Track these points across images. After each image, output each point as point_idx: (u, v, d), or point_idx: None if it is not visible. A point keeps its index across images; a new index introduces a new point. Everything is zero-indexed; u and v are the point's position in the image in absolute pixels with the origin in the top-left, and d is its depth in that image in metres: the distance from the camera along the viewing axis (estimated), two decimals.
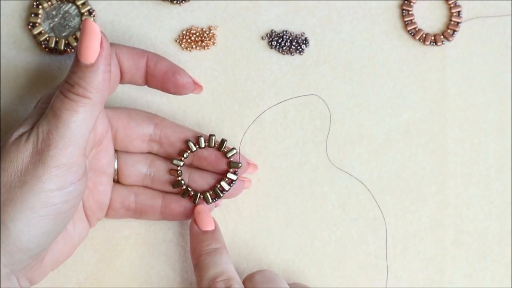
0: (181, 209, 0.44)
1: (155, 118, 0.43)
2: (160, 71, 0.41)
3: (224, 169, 0.44)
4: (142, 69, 0.41)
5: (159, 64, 0.42)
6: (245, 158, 0.45)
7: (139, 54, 0.41)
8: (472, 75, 0.48)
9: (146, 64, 0.41)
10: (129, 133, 0.43)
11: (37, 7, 0.46)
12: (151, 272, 0.46)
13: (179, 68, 0.42)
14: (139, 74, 0.42)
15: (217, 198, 0.44)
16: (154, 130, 0.43)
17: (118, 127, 0.43)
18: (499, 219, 0.47)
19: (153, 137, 0.43)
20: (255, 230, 0.47)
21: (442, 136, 0.48)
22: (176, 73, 0.42)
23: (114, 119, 0.42)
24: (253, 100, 0.47)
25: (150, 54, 0.42)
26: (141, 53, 0.41)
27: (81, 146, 0.38)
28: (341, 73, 0.47)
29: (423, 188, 0.47)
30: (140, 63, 0.41)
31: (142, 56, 0.41)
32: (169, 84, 0.42)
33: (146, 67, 0.41)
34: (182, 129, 0.44)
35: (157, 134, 0.43)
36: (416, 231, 0.47)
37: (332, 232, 0.47)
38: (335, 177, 0.47)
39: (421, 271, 0.47)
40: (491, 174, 0.47)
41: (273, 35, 0.47)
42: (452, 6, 0.48)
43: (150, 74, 0.42)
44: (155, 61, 0.42)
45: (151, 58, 0.42)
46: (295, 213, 0.47)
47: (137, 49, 0.42)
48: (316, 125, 0.47)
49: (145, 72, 0.42)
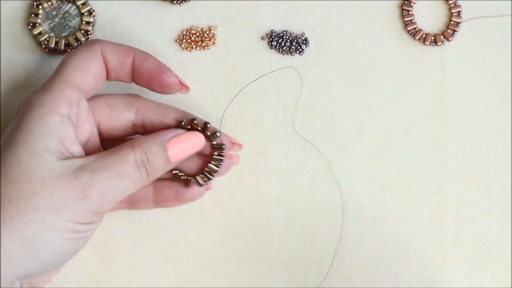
0: (173, 194, 0.43)
1: (135, 102, 0.42)
2: (146, 70, 0.41)
3: (209, 151, 0.43)
4: (128, 67, 0.41)
5: (146, 62, 0.41)
6: (228, 138, 0.44)
7: (126, 52, 0.41)
8: (472, 75, 0.48)
9: (132, 62, 0.41)
10: (112, 123, 0.42)
11: (37, 7, 0.46)
12: (151, 272, 0.46)
13: (165, 67, 0.42)
14: (125, 72, 0.41)
15: (208, 180, 0.43)
16: (136, 115, 0.42)
17: (100, 118, 0.42)
18: (499, 219, 0.47)
19: (136, 122, 0.42)
20: (255, 230, 0.47)
21: (442, 136, 0.48)
22: (162, 73, 0.41)
23: (95, 112, 0.41)
24: (253, 100, 0.47)
25: (137, 52, 0.41)
26: (127, 51, 0.41)
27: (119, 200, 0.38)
28: (341, 73, 0.47)
29: (423, 188, 0.47)
30: (126, 61, 0.41)
31: (128, 54, 0.41)
32: (155, 83, 0.42)
33: (132, 65, 0.41)
34: (164, 110, 0.42)
35: (139, 120, 0.42)
36: (416, 231, 0.47)
37: (332, 232, 0.47)
38: (335, 177, 0.47)
39: (421, 271, 0.47)
40: (491, 174, 0.47)
41: (273, 35, 0.47)
42: (452, 6, 0.48)
43: (136, 72, 0.41)
44: (141, 59, 0.41)
45: (138, 56, 0.41)
46: (295, 213, 0.47)
47: (124, 47, 0.41)
48: (316, 126, 0.47)
49: (132, 70, 0.41)
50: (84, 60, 0.40)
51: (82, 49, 0.40)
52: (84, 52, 0.40)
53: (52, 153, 0.36)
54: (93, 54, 0.40)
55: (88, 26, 0.46)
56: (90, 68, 0.40)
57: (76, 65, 0.39)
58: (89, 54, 0.40)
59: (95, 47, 0.40)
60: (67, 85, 0.38)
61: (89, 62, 0.40)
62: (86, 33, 0.46)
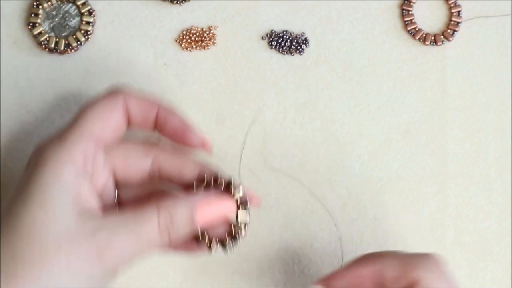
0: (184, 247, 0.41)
1: (152, 151, 0.40)
2: (170, 128, 0.40)
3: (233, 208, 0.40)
4: (151, 121, 0.39)
5: (169, 121, 0.39)
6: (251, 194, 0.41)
7: (150, 107, 0.39)
8: (472, 75, 0.48)
9: (156, 117, 0.39)
10: (128, 171, 0.40)
11: (37, 7, 0.46)
12: (151, 272, 0.46)
13: (189, 126, 0.40)
14: (148, 125, 0.40)
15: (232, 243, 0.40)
16: (153, 164, 0.40)
17: (116, 167, 0.40)
18: (499, 219, 0.47)
19: (153, 171, 0.40)
20: (256, 230, 0.47)
21: (442, 136, 0.48)
22: (185, 133, 0.40)
23: (111, 159, 0.39)
24: (253, 100, 0.47)
25: (161, 107, 0.39)
26: (151, 106, 0.39)
27: None
28: (341, 73, 0.47)
29: (423, 188, 0.47)
30: (150, 115, 0.39)
31: (152, 109, 0.39)
32: (177, 140, 0.40)
33: (155, 120, 0.39)
34: (182, 161, 0.40)
35: (155, 169, 0.40)
36: (416, 231, 0.47)
37: (332, 232, 0.47)
38: (335, 177, 0.47)
39: None
40: (491, 174, 0.47)
41: (273, 35, 0.47)
42: (452, 6, 0.48)
43: (159, 127, 0.40)
44: (165, 116, 0.39)
45: (162, 113, 0.39)
46: (295, 213, 0.47)
47: (148, 100, 0.39)
48: (316, 125, 0.47)
49: (154, 124, 0.40)
50: (105, 111, 0.38)
51: (103, 99, 0.38)
52: (105, 102, 0.38)
53: (68, 210, 0.35)
54: (115, 106, 0.38)
55: (88, 26, 0.46)
56: (110, 120, 0.38)
57: (96, 116, 0.38)
58: (111, 105, 0.38)
59: (118, 98, 0.38)
60: (83, 137, 0.37)
61: (109, 114, 0.38)
62: (86, 33, 0.46)
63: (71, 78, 0.46)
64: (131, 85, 0.40)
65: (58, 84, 0.46)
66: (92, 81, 0.46)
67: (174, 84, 0.47)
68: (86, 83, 0.46)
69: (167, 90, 0.47)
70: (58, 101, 0.46)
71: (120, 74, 0.46)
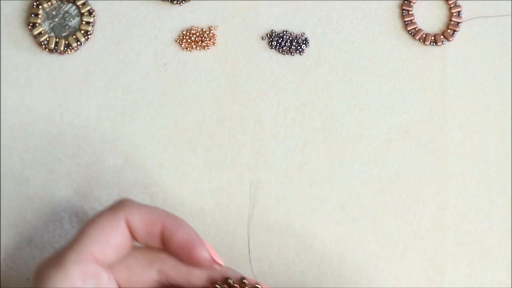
0: None
1: (157, 260, 0.37)
2: (176, 244, 0.36)
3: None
4: (157, 237, 0.37)
5: (176, 235, 0.36)
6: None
7: (154, 222, 0.36)
8: (472, 75, 0.48)
9: (161, 233, 0.37)
10: (132, 282, 0.37)
11: (37, 7, 0.46)
12: None
13: (197, 241, 0.37)
14: (153, 241, 0.37)
15: None
16: (158, 276, 0.38)
17: (119, 280, 0.37)
18: (499, 219, 0.47)
19: (161, 280, 0.38)
20: (256, 230, 0.46)
21: (442, 136, 0.48)
22: (193, 248, 0.36)
23: (114, 273, 0.37)
24: (253, 100, 0.47)
25: (167, 222, 0.37)
26: (156, 220, 0.36)
27: None
28: (341, 73, 0.47)
29: (423, 188, 0.47)
30: (154, 231, 0.37)
31: (156, 223, 0.36)
32: (184, 257, 0.37)
33: (161, 236, 0.37)
34: (188, 269, 0.38)
35: (162, 279, 0.38)
36: (416, 231, 0.47)
37: (332, 232, 0.47)
38: (335, 177, 0.47)
39: (421, 271, 0.47)
40: (491, 174, 0.47)
41: (273, 35, 0.47)
42: (452, 6, 0.48)
43: (164, 243, 0.37)
44: (171, 230, 0.36)
45: (168, 227, 0.36)
46: (295, 213, 0.47)
47: (153, 214, 0.37)
48: (316, 125, 0.47)
49: (160, 240, 0.37)
50: (104, 230, 0.36)
51: (103, 216, 0.36)
52: (105, 220, 0.36)
53: None
54: (115, 224, 0.36)
55: (88, 26, 0.46)
56: (110, 240, 0.36)
57: (95, 236, 0.35)
58: (111, 223, 0.36)
59: (118, 215, 0.36)
60: (82, 259, 0.35)
61: (109, 233, 0.36)
62: (86, 33, 0.46)
63: (71, 78, 0.46)
64: (133, 199, 0.38)
65: (58, 84, 0.46)
66: (92, 81, 0.46)
67: (174, 84, 0.47)
68: (86, 83, 0.46)
69: (167, 90, 0.47)
70: (58, 101, 0.46)
71: (120, 74, 0.46)
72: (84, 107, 0.46)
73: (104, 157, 0.46)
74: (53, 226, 0.45)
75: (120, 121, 0.46)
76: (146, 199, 0.46)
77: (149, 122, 0.46)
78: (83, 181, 0.46)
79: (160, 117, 0.46)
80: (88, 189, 0.46)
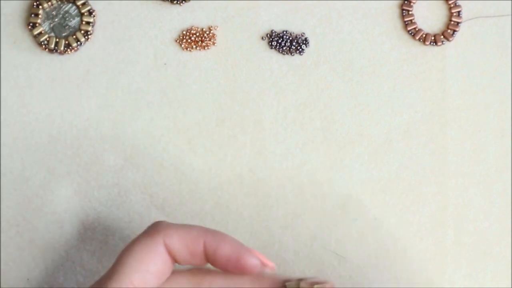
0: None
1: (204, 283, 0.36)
2: (222, 257, 0.35)
3: None
4: (200, 255, 0.35)
5: (220, 249, 0.35)
6: None
7: (195, 240, 0.35)
8: (472, 75, 0.48)
9: (204, 250, 0.35)
10: None
11: (37, 7, 0.46)
12: None
13: (244, 249, 0.35)
14: (197, 260, 0.36)
15: None
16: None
17: None
18: (499, 219, 0.47)
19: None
20: (255, 230, 0.47)
21: (442, 136, 0.48)
22: (241, 257, 0.35)
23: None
24: (253, 100, 0.47)
25: (208, 237, 0.35)
26: (196, 239, 0.35)
27: None
28: (341, 73, 0.47)
29: (423, 188, 0.47)
30: (197, 249, 0.35)
31: (198, 241, 0.35)
32: (234, 269, 0.35)
33: (204, 253, 0.35)
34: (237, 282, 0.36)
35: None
36: (416, 231, 0.47)
37: (332, 232, 0.47)
38: (335, 177, 0.47)
39: (421, 271, 0.47)
40: (491, 174, 0.47)
41: (273, 35, 0.47)
42: (452, 6, 0.48)
43: (210, 259, 0.36)
44: (214, 246, 0.35)
45: (210, 243, 0.35)
46: (295, 213, 0.47)
47: (192, 233, 0.35)
48: (316, 125, 0.47)
49: (204, 258, 0.36)
50: (143, 257, 0.35)
51: (141, 242, 0.35)
52: (143, 246, 0.35)
53: None
54: (154, 249, 0.35)
55: (88, 26, 0.46)
56: (149, 267, 0.35)
57: (134, 265, 0.34)
58: (150, 249, 0.35)
59: (156, 240, 0.35)
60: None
61: (148, 260, 0.35)
62: (86, 33, 0.46)
63: (71, 78, 0.46)
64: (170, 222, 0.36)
65: (58, 84, 0.46)
66: (92, 81, 0.46)
67: (174, 84, 0.47)
68: (86, 83, 0.46)
69: (167, 90, 0.47)
70: (58, 101, 0.46)
71: (120, 74, 0.46)
72: (84, 107, 0.46)
73: (104, 157, 0.46)
74: (53, 226, 0.45)
75: (120, 121, 0.46)
76: (146, 199, 0.46)
77: (149, 122, 0.46)
78: (83, 181, 0.46)
79: (160, 117, 0.46)
80: (88, 189, 0.46)
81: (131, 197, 0.46)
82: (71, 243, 0.45)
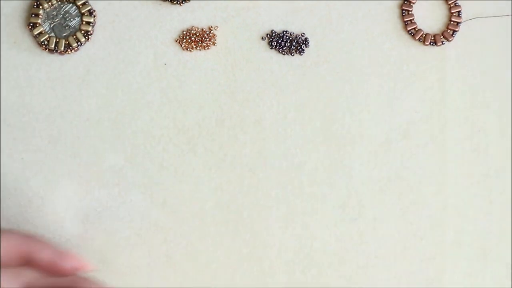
0: None
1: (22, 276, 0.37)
2: (42, 262, 0.36)
3: None
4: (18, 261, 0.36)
5: (39, 255, 0.36)
6: None
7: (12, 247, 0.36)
8: (472, 75, 0.48)
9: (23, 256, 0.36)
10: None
11: (37, 7, 0.46)
12: (151, 272, 0.46)
13: (63, 253, 0.37)
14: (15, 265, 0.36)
15: None
16: None
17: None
18: (499, 219, 0.47)
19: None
20: (255, 230, 0.47)
21: (442, 136, 0.48)
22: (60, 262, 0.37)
23: None
24: (253, 100, 0.47)
25: (27, 245, 0.36)
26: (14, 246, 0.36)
27: None
28: (341, 73, 0.47)
29: (423, 188, 0.47)
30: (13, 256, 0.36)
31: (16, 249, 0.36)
32: (54, 272, 0.37)
33: (24, 258, 0.36)
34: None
35: None
36: (416, 231, 0.47)
37: (332, 232, 0.47)
38: (335, 177, 0.47)
39: (421, 271, 0.47)
40: (491, 174, 0.47)
41: (273, 35, 0.47)
42: (452, 6, 0.48)
43: (30, 265, 0.36)
44: (31, 250, 0.36)
45: (28, 250, 0.36)
46: (295, 213, 0.47)
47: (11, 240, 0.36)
48: (316, 125, 0.47)
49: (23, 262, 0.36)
50: None
51: None
52: None
53: None
54: None
55: (88, 26, 0.46)
56: None
57: None
58: None
59: None
60: None
61: None
62: (86, 33, 0.46)
63: (71, 78, 0.46)
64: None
65: (58, 84, 0.46)
66: (92, 81, 0.46)
67: (174, 84, 0.47)
68: (86, 83, 0.46)
69: (167, 90, 0.47)
70: (58, 101, 0.46)
71: (120, 74, 0.46)
72: (84, 107, 0.46)
73: (104, 157, 0.46)
74: (53, 226, 0.45)
75: (120, 121, 0.46)
76: (146, 199, 0.46)
77: (149, 122, 0.46)
78: (83, 181, 0.46)
79: (160, 117, 0.46)
80: (88, 189, 0.46)
81: (131, 197, 0.46)
82: (71, 243, 0.45)
